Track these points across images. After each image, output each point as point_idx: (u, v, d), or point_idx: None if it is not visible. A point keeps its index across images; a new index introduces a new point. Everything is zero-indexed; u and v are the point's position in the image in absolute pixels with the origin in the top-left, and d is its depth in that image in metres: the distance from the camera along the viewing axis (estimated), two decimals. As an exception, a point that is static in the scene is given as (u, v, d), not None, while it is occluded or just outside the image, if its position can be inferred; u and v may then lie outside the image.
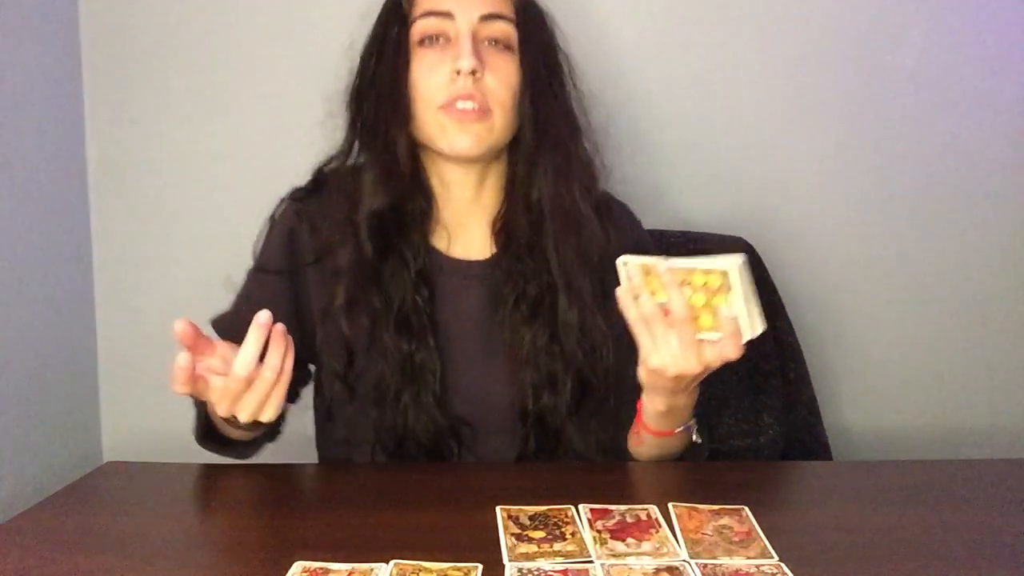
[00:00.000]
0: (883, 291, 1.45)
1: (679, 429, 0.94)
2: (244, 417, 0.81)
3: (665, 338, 0.82)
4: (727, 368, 1.20)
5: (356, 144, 1.00)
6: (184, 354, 0.79)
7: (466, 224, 1.02)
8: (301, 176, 1.20)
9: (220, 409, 0.82)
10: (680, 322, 0.80)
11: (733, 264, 0.78)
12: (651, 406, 0.91)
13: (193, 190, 1.42)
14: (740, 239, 1.30)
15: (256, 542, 0.82)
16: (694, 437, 0.96)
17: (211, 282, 1.09)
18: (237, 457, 0.99)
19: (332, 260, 0.97)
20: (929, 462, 1.09)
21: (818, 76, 1.40)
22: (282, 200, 1.04)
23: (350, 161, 1.00)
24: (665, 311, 0.81)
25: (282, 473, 0.98)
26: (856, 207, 1.43)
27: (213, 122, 1.41)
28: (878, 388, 1.47)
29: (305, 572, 0.71)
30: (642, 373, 0.87)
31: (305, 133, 1.21)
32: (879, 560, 0.75)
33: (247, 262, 1.09)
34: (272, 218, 1.03)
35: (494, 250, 1.02)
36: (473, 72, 0.92)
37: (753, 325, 0.80)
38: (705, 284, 0.80)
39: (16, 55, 1.26)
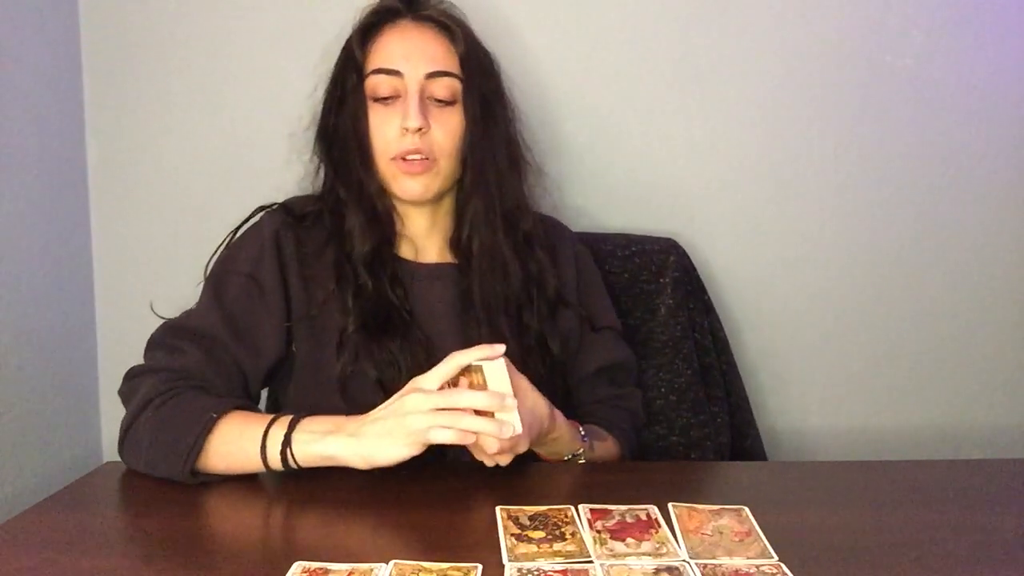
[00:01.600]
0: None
1: (568, 456, 1.02)
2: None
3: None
4: (682, 364, 1.30)
5: (336, 183, 1.08)
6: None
7: (427, 240, 1.12)
8: (299, 177, 1.21)
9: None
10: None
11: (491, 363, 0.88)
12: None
13: (193, 190, 1.42)
14: (672, 239, 1.35)
15: (256, 542, 0.82)
16: (581, 460, 1.02)
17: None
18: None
19: (323, 289, 1.04)
20: (929, 462, 1.09)
21: (821, 77, 1.40)
22: (262, 211, 1.09)
23: (332, 197, 1.08)
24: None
25: (282, 473, 0.98)
26: (860, 209, 1.43)
27: (213, 122, 1.41)
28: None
29: (305, 572, 0.71)
30: None
31: (304, 134, 1.22)
32: (879, 560, 0.75)
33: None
34: (257, 227, 1.08)
35: (455, 260, 1.11)
36: (419, 129, 1.01)
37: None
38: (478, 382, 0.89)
39: (16, 55, 1.26)
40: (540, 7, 1.39)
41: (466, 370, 0.88)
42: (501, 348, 0.88)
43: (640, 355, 1.31)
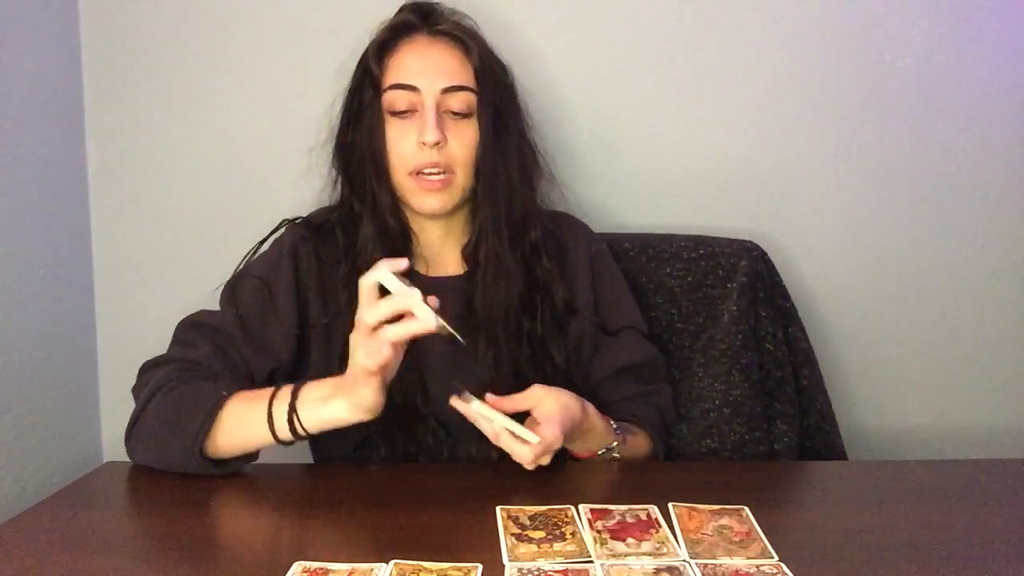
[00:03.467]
0: (890, 292, 1.44)
1: (601, 451, 1.03)
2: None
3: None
4: (739, 376, 1.23)
5: (351, 196, 1.10)
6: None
7: (440, 251, 1.13)
8: (299, 177, 1.21)
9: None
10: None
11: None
12: None
13: (193, 190, 1.42)
14: (750, 242, 1.30)
15: (256, 542, 0.82)
16: (615, 454, 1.03)
17: (211, 282, 1.10)
18: (222, 471, 0.95)
19: (337, 301, 1.05)
20: (929, 462, 1.09)
21: (822, 77, 1.40)
22: (284, 224, 1.12)
23: (347, 209, 1.10)
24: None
25: (282, 473, 0.98)
26: (861, 208, 1.43)
27: (213, 122, 1.41)
28: (891, 390, 1.46)
29: (305, 572, 0.71)
30: None
31: (305, 134, 1.22)
32: (879, 560, 0.75)
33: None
34: (279, 239, 1.10)
35: (466, 268, 1.12)
36: (437, 143, 1.02)
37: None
38: None
39: (16, 55, 1.26)
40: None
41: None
42: (399, 260, 0.88)
43: (697, 363, 1.26)
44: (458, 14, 1.12)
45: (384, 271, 0.87)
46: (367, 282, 0.87)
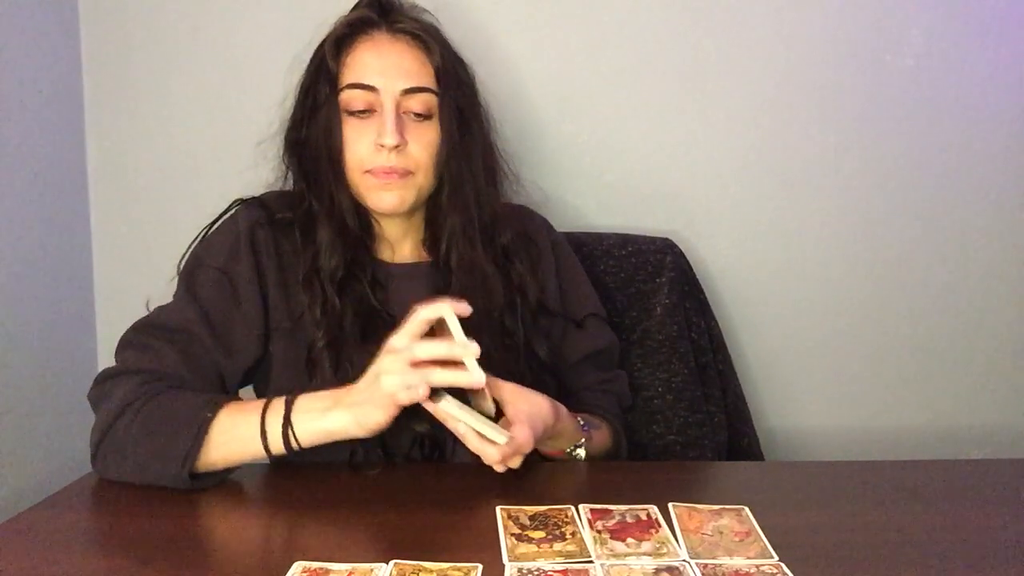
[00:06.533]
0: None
1: (568, 449, 1.02)
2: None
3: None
4: (678, 364, 1.30)
5: (308, 195, 1.07)
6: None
7: (402, 242, 1.11)
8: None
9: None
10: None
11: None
12: None
13: (193, 190, 1.42)
14: (668, 239, 1.36)
15: (256, 542, 0.82)
16: (581, 454, 1.03)
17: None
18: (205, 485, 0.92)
19: (299, 299, 1.02)
20: (929, 462, 1.09)
21: (820, 78, 1.40)
22: (237, 203, 1.08)
23: (305, 207, 1.07)
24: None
25: (282, 473, 0.98)
26: (861, 209, 1.44)
27: (213, 122, 1.41)
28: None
29: (305, 572, 0.71)
30: None
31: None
32: (879, 560, 0.75)
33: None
34: (232, 220, 1.06)
35: (430, 257, 1.10)
36: (396, 146, 0.99)
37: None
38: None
39: (16, 55, 1.26)
40: (540, 7, 1.39)
41: (441, 328, 0.88)
42: (463, 304, 0.86)
43: (636, 354, 1.32)
44: (418, 9, 1.09)
45: (449, 311, 0.85)
46: (429, 314, 0.85)
